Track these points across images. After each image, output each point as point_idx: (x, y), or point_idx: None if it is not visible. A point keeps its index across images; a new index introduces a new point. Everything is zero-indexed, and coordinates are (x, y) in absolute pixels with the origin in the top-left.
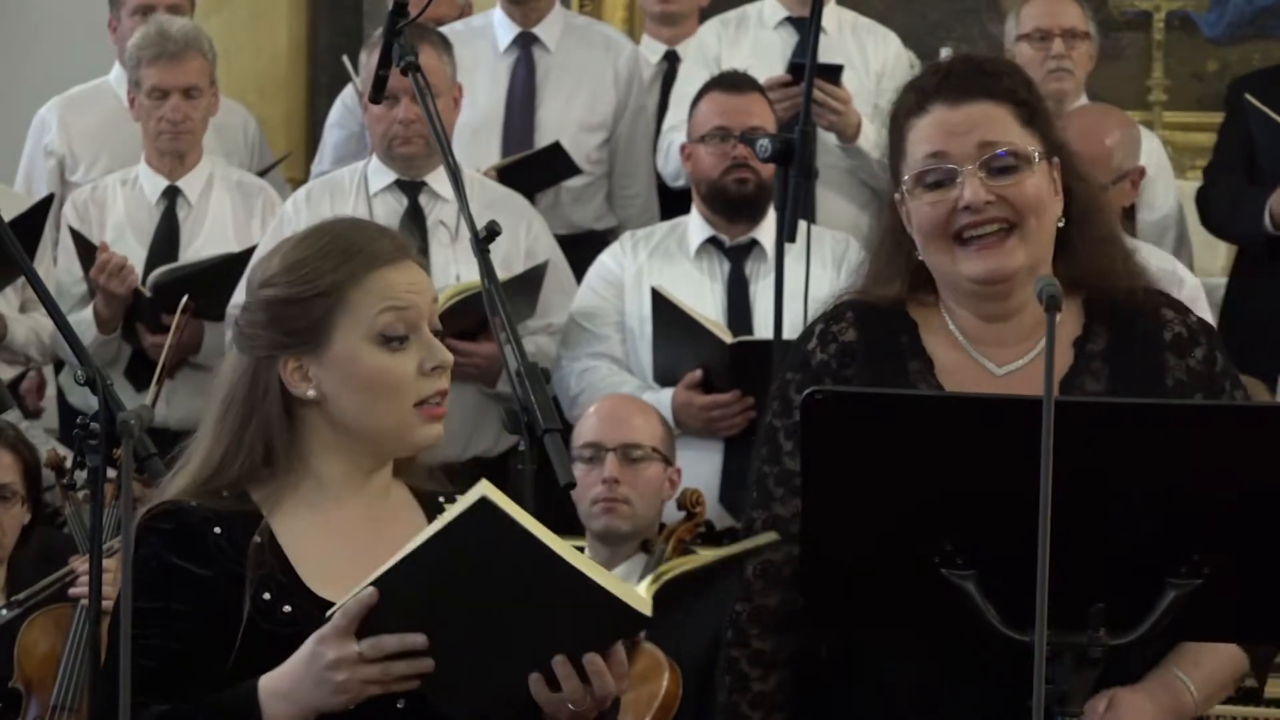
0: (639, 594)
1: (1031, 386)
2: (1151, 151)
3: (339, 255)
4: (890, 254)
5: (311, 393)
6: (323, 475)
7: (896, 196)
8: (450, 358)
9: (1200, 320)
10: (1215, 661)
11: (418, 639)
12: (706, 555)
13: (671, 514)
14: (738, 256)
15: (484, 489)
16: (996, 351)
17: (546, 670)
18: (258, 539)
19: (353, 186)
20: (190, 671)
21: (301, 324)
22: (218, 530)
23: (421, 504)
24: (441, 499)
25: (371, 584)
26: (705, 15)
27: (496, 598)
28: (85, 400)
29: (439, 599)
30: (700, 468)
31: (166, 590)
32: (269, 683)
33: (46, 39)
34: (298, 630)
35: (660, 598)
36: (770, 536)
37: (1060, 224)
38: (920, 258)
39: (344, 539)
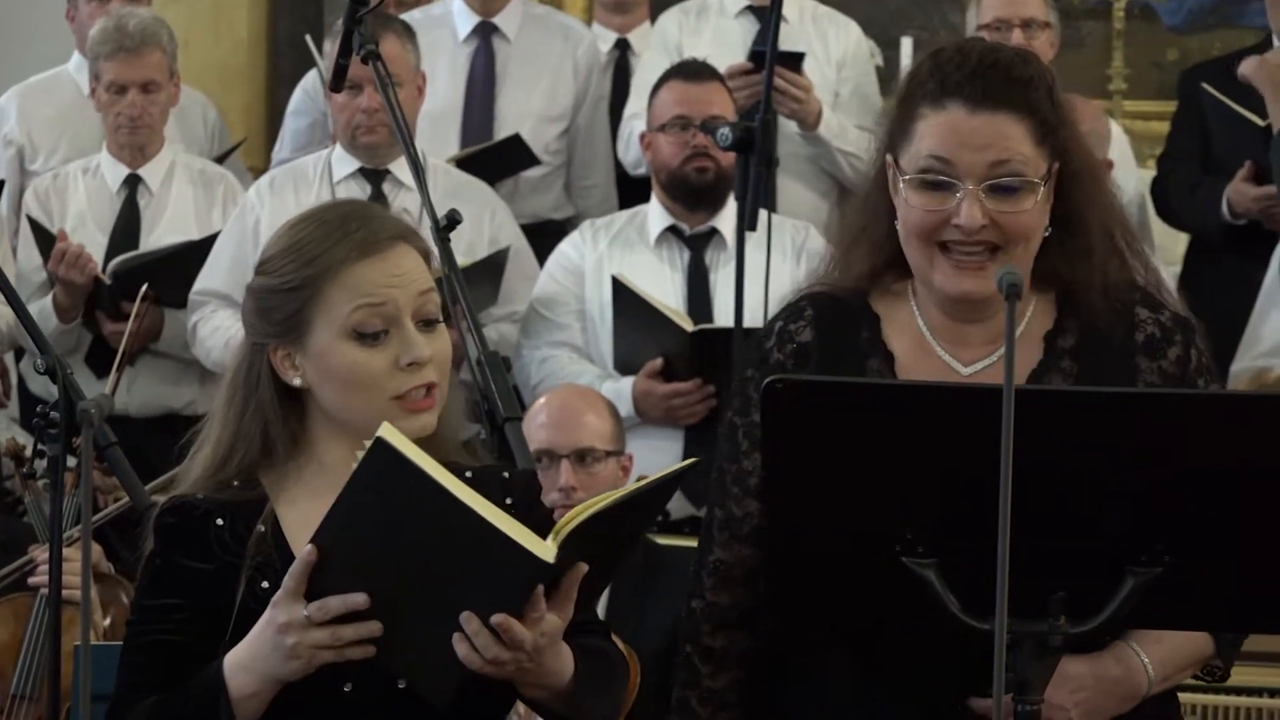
0: (542, 542)
1: (997, 381)
2: (1113, 140)
3: (318, 245)
4: (870, 224)
5: (298, 381)
6: (325, 460)
7: (889, 158)
8: (427, 352)
9: (1175, 316)
10: (1176, 639)
11: (359, 598)
12: (606, 497)
13: None
14: (698, 245)
15: (383, 430)
16: (963, 350)
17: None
18: (261, 528)
19: (316, 174)
20: (190, 663)
21: (281, 315)
22: (220, 522)
23: None
24: (469, 473)
25: (310, 541)
26: (658, 3)
27: (415, 549)
28: (46, 388)
29: (370, 554)
30: (661, 456)
31: (168, 587)
32: (233, 657)
33: (12, 28)
34: None
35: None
36: (688, 463)
37: (1047, 233)
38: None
39: None
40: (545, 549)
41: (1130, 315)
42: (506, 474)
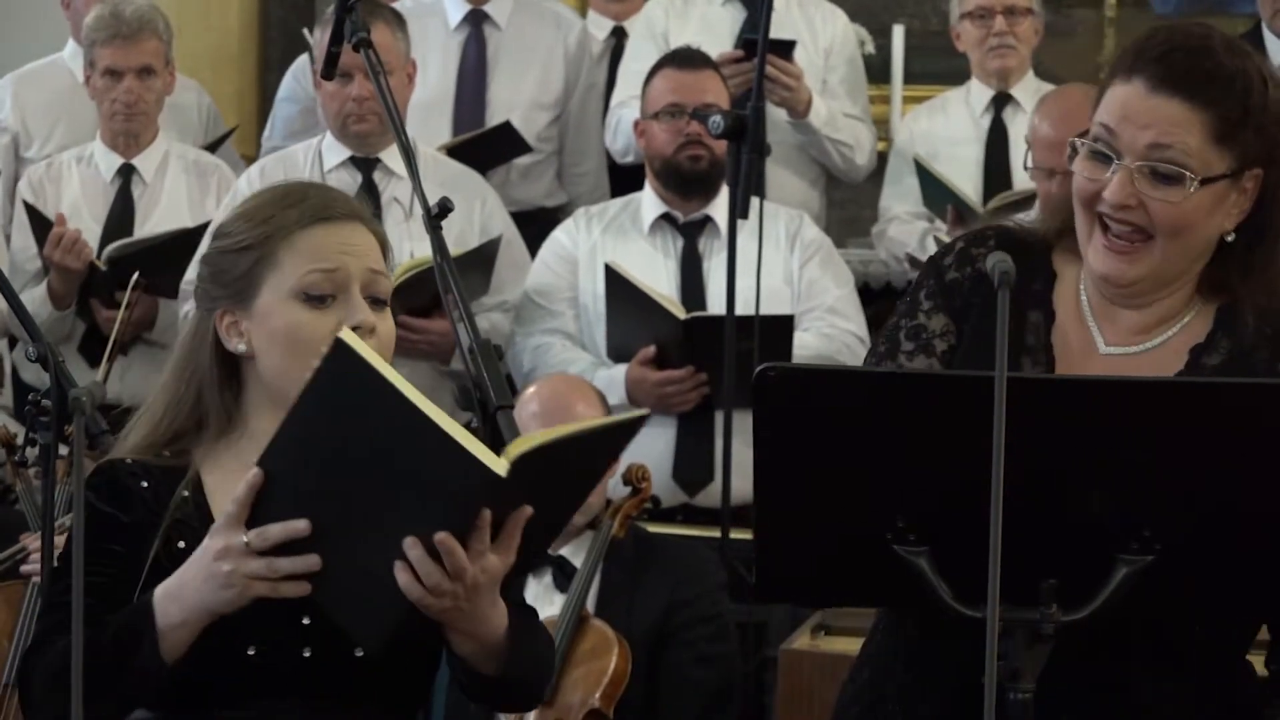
0: (492, 454)
1: (1130, 372)
2: None
3: (272, 208)
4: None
5: (242, 347)
6: (258, 433)
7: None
8: (372, 319)
9: None
10: None
11: (300, 524)
12: (561, 430)
13: (616, 486)
14: (691, 233)
15: (342, 332)
16: (1110, 329)
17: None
18: (185, 492)
19: (307, 162)
20: (107, 607)
21: (232, 276)
22: (145, 484)
23: None
24: None
25: (256, 464)
26: None
27: (365, 462)
28: (37, 377)
29: (317, 474)
30: (654, 444)
31: (96, 533)
32: (164, 586)
33: (6, 15)
34: None
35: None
36: (640, 413)
37: (1229, 239)
38: None
39: None
40: (498, 463)
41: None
42: None
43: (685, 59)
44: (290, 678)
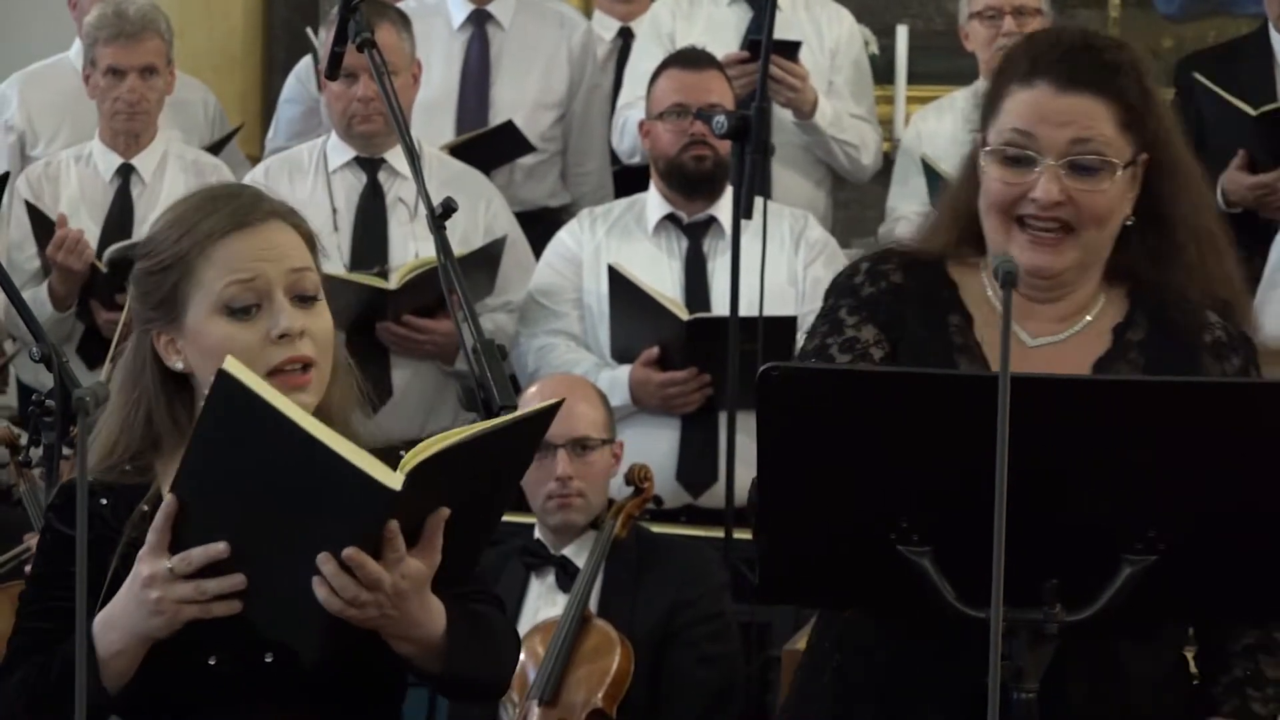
0: (390, 471)
1: (1061, 360)
2: None
3: (187, 222)
4: (956, 199)
5: (180, 365)
6: None
7: (978, 136)
8: (297, 324)
9: (1242, 332)
10: None
11: (218, 546)
12: (460, 432)
13: (618, 486)
14: (696, 233)
15: (226, 363)
16: (1031, 324)
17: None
18: (145, 507)
19: (311, 163)
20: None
21: (158, 297)
22: (104, 501)
23: None
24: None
25: (169, 491)
26: None
27: (266, 487)
28: (36, 378)
29: (225, 499)
30: (657, 445)
31: (55, 557)
32: (101, 615)
33: (13, 15)
34: None
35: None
36: (550, 403)
37: (1129, 222)
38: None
39: None
40: (392, 477)
41: (1200, 315)
42: (404, 451)
43: (689, 59)
44: (255, 685)
